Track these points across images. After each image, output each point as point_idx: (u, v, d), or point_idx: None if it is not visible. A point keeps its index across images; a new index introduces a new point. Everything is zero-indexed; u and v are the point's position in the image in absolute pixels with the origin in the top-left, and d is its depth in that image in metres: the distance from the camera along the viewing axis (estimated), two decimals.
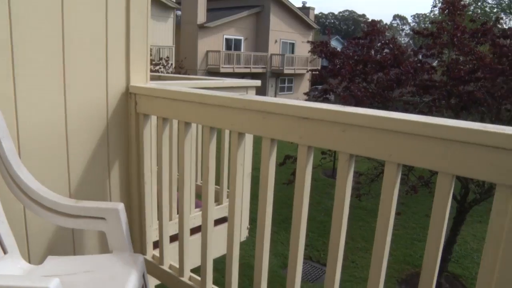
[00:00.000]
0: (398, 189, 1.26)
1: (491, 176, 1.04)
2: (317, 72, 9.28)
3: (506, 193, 1.02)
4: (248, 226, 3.54)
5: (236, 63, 26.66)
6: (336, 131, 1.32)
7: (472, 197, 7.63)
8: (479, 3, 21.02)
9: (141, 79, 2.17)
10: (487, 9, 20.81)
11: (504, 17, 19.57)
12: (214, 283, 1.93)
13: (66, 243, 2.03)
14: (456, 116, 7.34)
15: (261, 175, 1.58)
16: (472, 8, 20.71)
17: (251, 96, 1.70)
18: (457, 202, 7.97)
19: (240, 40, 28.16)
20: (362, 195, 7.20)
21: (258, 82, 3.40)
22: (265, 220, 1.59)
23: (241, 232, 3.65)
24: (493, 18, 8.92)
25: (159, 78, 3.71)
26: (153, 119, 2.12)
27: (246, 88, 3.32)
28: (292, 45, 31.08)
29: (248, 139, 3.09)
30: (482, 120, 7.17)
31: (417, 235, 9.67)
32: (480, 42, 7.29)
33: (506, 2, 20.12)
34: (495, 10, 20.35)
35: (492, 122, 7.12)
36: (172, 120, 2.02)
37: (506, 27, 7.76)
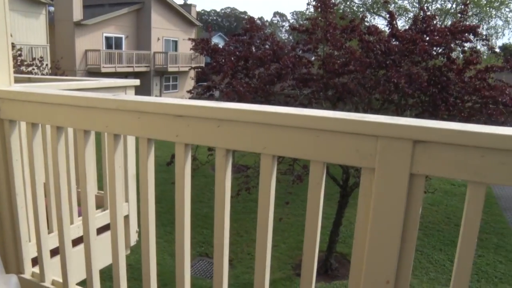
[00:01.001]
0: (275, 179, 1.29)
1: (357, 161, 1.11)
2: (200, 70, 9.28)
3: (369, 176, 1.10)
4: (137, 230, 3.44)
5: (118, 62, 25.64)
6: (211, 127, 1.32)
7: (353, 181, 8.23)
8: (348, 3, 22.67)
9: (2, 82, 1.96)
10: (354, 8, 22.53)
11: (369, 16, 21.36)
12: None
13: None
14: (334, 107, 7.84)
15: (140, 176, 1.53)
16: (342, 6, 22.24)
17: (125, 96, 1.64)
18: (340, 186, 8.54)
19: (121, 38, 27.14)
20: (251, 188, 7.38)
21: (136, 81, 3.30)
22: (148, 221, 1.54)
23: (131, 236, 3.53)
24: (360, 17, 9.68)
25: (29, 80, 3.43)
26: (23, 125, 1.95)
27: (124, 88, 3.19)
28: (175, 42, 30.75)
29: (131, 140, 2.99)
30: (356, 109, 7.74)
31: None
32: (349, 37, 7.85)
33: (370, 3, 21.96)
34: (361, 9, 22.11)
35: (365, 111, 7.73)
36: (44, 125, 1.87)
37: (371, 25, 8.46)
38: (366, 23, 9.03)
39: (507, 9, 20.85)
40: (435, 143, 1.03)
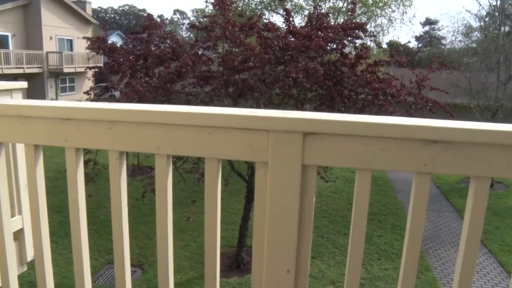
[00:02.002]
0: (171, 179, 1.27)
1: (250, 156, 1.13)
2: (98, 70, 8.88)
3: (263, 169, 1.12)
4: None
5: (5, 63, 23.60)
6: (102, 130, 1.26)
7: None
8: (246, 0, 23.03)
9: None
10: (252, 5, 22.95)
11: (267, 13, 21.90)
12: None
13: None
14: (235, 103, 7.92)
15: (28, 187, 1.42)
16: (240, 4, 22.53)
17: (6, 100, 1.50)
18: (246, 181, 8.65)
19: (6, 36, 24.99)
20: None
21: (24, 84, 3.04)
22: (40, 234, 1.43)
23: (27, 251, 3.27)
24: (258, 14, 9.87)
25: None
26: None
27: (9, 91, 2.94)
28: (70, 41, 29.08)
29: (21, 147, 2.76)
30: (257, 105, 7.90)
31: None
32: (248, 34, 7.97)
33: (267, 1, 22.50)
34: (259, 7, 22.58)
35: (266, 106, 7.91)
36: None
37: (268, 22, 8.66)
38: (264, 20, 9.22)
39: (390, 9, 22.55)
40: (323, 134, 1.07)
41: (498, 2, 17.17)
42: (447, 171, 1.09)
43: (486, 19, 18.45)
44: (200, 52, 8.11)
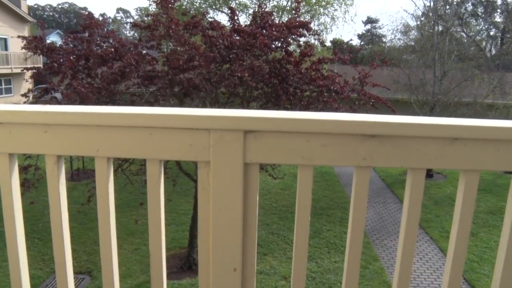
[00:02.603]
0: (112, 182, 1.23)
1: (192, 156, 1.11)
2: (35, 71, 8.49)
3: (206, 169, 1.12)
4: None
5: None
6: (37, 133, 1.20)
7: None
8: None
9: None
10: (197, 4, 22.74)
11: (211, 12, 21.80)
12: None
13: None
14: (181, 103, 7.84)
15: None
16: (185, 3, 22.28)
17: None
18: (194, 181, 8.58)
19: None
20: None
21: None
22: None
23: None
24: (202, 12, 9.80)
25: None
26: None
27: None
28: (5, 40, 27.60)
29: None
30: (204, 104, 7.85)
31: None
32: (193, 33, 7.90)
33: (212, 0, 22.39)
34: (203, 6, 22.42)
35: (212, 105, 7.88)
36: None
37: (213, 20, 8.62)
38: (209, 19, 9.16)
39: (332, 8, 23.07)
40: (264, 132, 1.08)
41: (432, 3, 18.02)
42: (385, 164, 1.13)
43: (422, 18, 19.30)
44: (144, 52, 7.95)
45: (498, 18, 30.14)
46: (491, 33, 31.18)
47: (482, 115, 15.57)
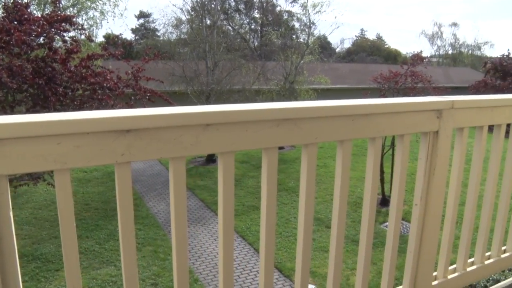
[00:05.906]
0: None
1: None
2: None
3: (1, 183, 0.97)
4: None
5: None
6: None
7: None
8: None
9: None
10: None
11: None
12: None
13: None
14: None
15: None
16: None
17: None
18: None
19: None
20: None
21: None
22: None
23: None
24: None
25: None
26: None
27: None
28: None
29: None
30: None
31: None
32: None
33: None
34: None
35: None
36: None
37: None
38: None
39: (101, 2, 22.15)
40: (11, 139, 0.97)
41: None
42: (145, 158, 1.14)
43: (192, 13, 20.14)
44: None
45: (256, 14, 33.55)
46: (252, 27, 34.52)
47: (252, 100, 17.23)
